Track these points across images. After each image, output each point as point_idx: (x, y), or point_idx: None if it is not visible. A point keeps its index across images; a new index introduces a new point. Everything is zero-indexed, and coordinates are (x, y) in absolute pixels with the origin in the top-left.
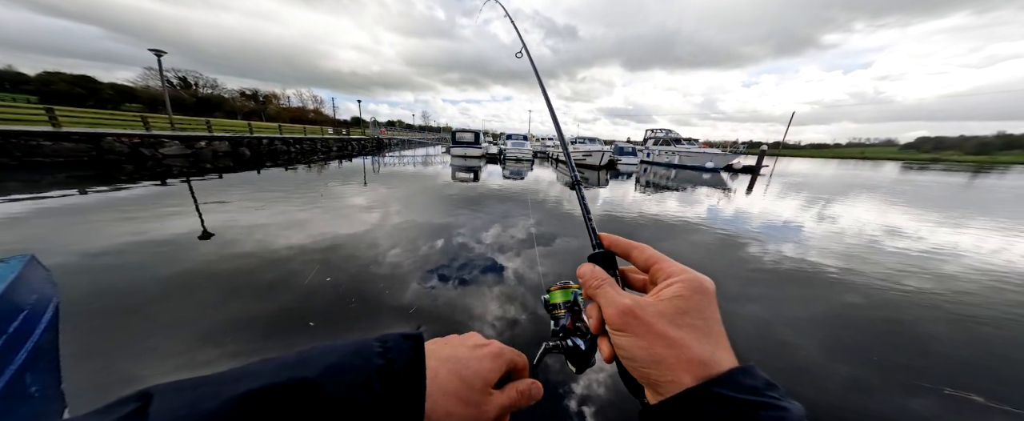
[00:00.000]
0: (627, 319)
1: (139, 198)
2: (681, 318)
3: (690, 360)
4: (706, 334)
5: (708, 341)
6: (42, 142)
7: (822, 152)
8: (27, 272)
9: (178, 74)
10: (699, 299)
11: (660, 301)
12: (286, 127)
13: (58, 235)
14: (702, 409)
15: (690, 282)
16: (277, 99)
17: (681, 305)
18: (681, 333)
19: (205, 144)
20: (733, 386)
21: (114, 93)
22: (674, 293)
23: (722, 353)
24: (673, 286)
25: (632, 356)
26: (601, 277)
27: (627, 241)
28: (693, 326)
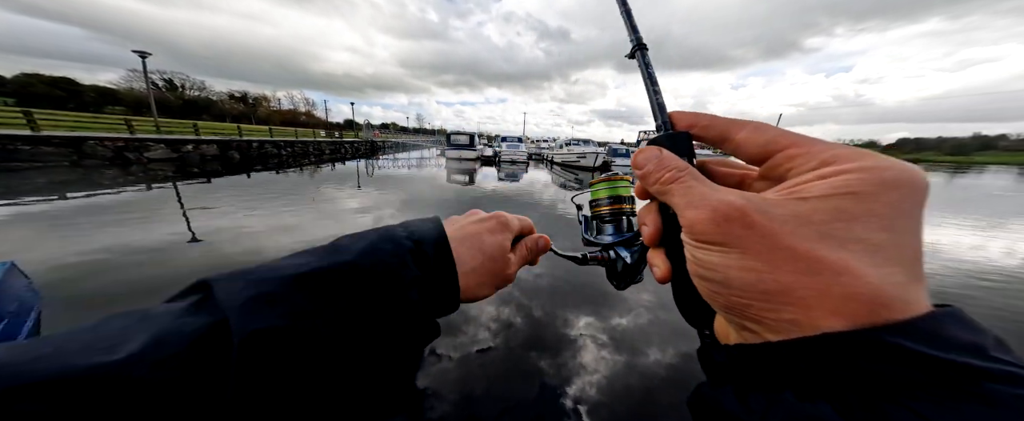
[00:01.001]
0: (730, 226)
1: (123, 203)
2: (847, 227)
3: (852, 296)
4: (894, 256)
5: (896, 268)
6: (20, 146)
7: None
8: (7, 279)
9: (164, 76)
10: (891, 198)
11: (802, 200)
12: (277, 130)
13: (38, 242)
14: (860, 367)
15: (875, 171)
16: (268, 101)
17: (849, 207)
18: (841, 253)
19: (192, 147)
20: (935, 339)
21: (96, 95)
22: (836, 188)
23: (915, 291)
24: (836, 178)
25: (726, 280)
26: (676, 165)
27: (727, 118)
28: (867, 242)
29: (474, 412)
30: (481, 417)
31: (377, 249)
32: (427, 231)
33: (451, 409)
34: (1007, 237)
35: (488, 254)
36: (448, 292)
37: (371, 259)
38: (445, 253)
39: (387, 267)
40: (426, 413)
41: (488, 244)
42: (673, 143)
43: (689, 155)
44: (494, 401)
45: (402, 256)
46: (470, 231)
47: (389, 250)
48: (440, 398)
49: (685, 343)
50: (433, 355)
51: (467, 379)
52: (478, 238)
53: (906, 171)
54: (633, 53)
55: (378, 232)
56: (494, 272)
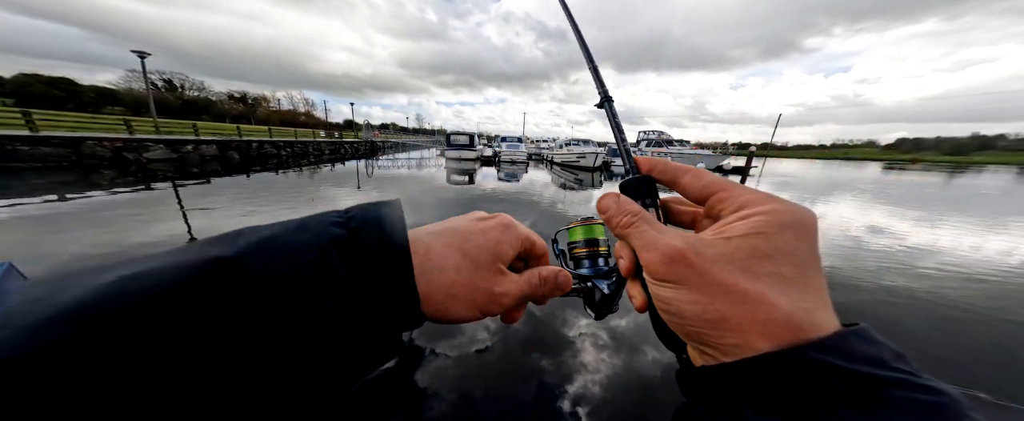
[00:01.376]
0: (675, 267)
1: (122, 203)
2: (760, 263)
3: (771, 321)
4: (799, 286)
5: (802, 296)
6: (19, 147)
7: (808, 153)
8: (5, 281)
9: (163, 76)
10: (789, 237)
11: (727, 241)
12: (277, 130)
13: (36, 242)
14: (792, 380)
15: (776, 214)
16: (267, 102)
17: (761, 245)
18: (759, 285)
19: (192, 148)
20: (843, 354)
21: (95, 96)
22: (751, 229)
23: (822, 314)
24: (750, 219)
25: (679, 312)
26: (631, 210)
27: (676, 164)
28: (778, 275)
29: (473, 412)
30: (480, 417)
31: (281, 240)
32: (374, 216)
33: (449, 409)
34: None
35: (470, 256)
36: (398, 298)
37: (265, 253)
38: (396, 245)
39: (290, 266)
40: (424, 413)
41: (473, 244)
42: (636, 187)
43: (652, 196)
44: (493, 401)
45: (321, 250)
46: (454, 225)
47: (301, 241)
48: (438, 398)
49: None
50: (432, 353)
51: (465, 379)
52: (461, 234)
53: (799, 214)
54: (602, 104)
55: (302, 219)
56: (474, 281)
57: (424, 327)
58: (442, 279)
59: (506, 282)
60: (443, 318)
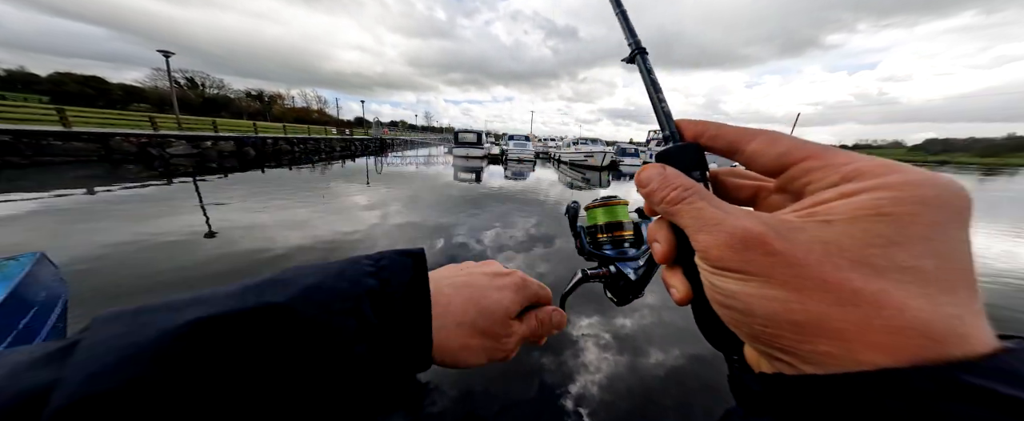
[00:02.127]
0: (749, 254)
1: (146, 197)
2: (885, 253)
3: (896, 330)
4: (944, 286)
5: (948, 299)
6: (52, 141)
7: None
8: (37, 269)
9: (185, 74)
10: (930, 219)
11: (827, 223)
12: (290, 127)
13: (66, 233)
14: (932, 409)
15: (909, 186)
16: (282, 99)
17: (885, 231)
18: (883, 282)
19: (211, 144)
20: (1010, 378)
21: (123, 93)
22: (867, 207)
23: (974, 322)
24: (863, 196)
25: (748, 310)
26: (683, 183)
27: (736, 127)
28: (913, 269)
29: (473, 409)
30: (480, 415)
31: (325, 288)
32: (401, 268)
33: (450, 405)
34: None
35: (486, 312)
36: (415, 346)
37: (313, 300)
38: (419, 297)
39: (331, 312)
40: (425, 408)
41: (490, 300)
42: (680, 157)
43: (701, 168)
44: (493, 399)
45: (357, 299)
46: (472, 280)
47: (341, 290)
48: (440, 393)
49: (689, 346)
50: None
51: (466, 376)
52: (479, 290)
53: (947, 187)
54: (632, 58)
55: (340, 265)
56: (488, 335)
57: None
58: (459, 333)
59: (512, 331)
60: (454, 365)
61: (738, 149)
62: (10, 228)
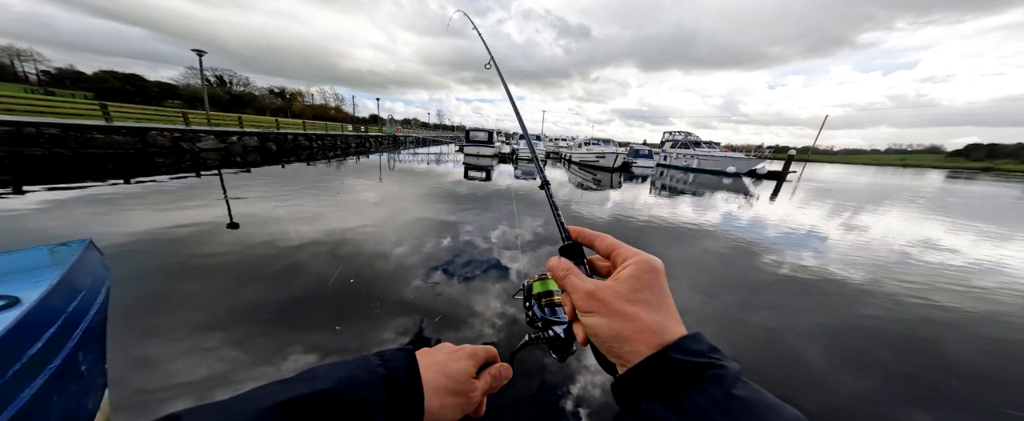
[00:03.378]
0: (591, 301)
1: (177, 188)
2: (635, 295)
3: (644, 330)
4: (657, 307)
5: (658, 312)
6: (95, 135)
7: (857, 158)
8: (85, 256)
9: (215, 72)
10: (650, 277)
11: (618, 282)
12: (309, 124)
13: (111, 221)
14: (659, 373)
15: (641, 263)
16: (302, 97)
17: (634, 284)
18: (635, 308)
19: (236, 139)
20: (683, 350)
21: (159, 90)
22: (629, 274)
23: (671, 322)
24: (628, 267)
25: (599, 334)
26: (567, 267)
27: (591, 232)
28: (645, 301)
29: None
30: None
31: (354, 378)
32: (400, 360)
33: None
34: None
35: (452, 378)
36: (414, 412)
37: (348, 386)
38: (415, 378)
39: (361, 393)
40: None
41: (452, 370)
42: (571, 251)
43: (580, 257)
44: (493, 396)
45: (376, 383)
46: (437, 359)
47: (364, 378)
48: None
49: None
50: (436, 343)
51: None
52: (444, 365)
53: (653, 261)
54: (543, 186)
55: (355, 363)
56: (457, 393)
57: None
58: (436, 397)
59: (474, 386)
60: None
61: (592, 244)
62: (60, 215)
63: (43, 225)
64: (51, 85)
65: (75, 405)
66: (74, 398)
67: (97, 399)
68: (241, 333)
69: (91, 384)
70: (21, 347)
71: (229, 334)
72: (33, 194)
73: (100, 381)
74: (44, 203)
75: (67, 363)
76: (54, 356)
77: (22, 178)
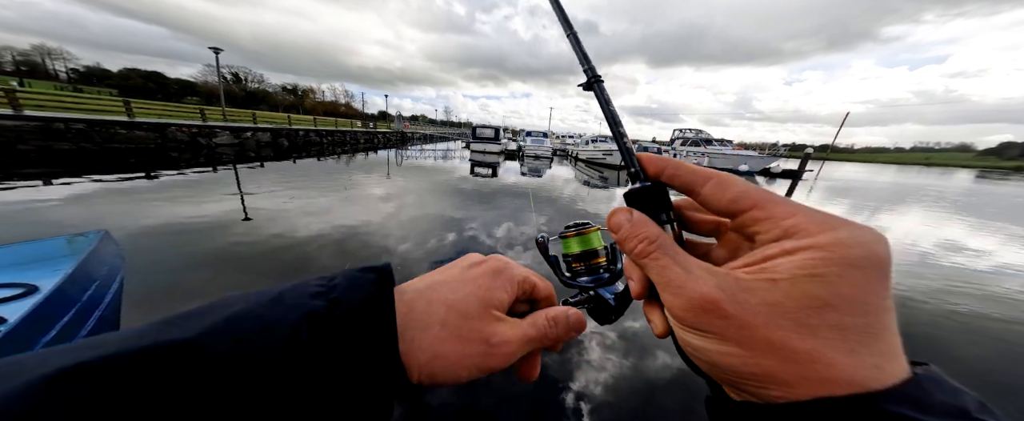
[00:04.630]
0: (709, 317)
1: (193, 182)
2: (819, 315)
3: (827, 380)
4: (867, 338)
5: (868, 348)
6: (118, 130)
7: (879, 156)
8: (101, 246)
9: (231, 70)
10: (857, 280)
11: (773, 284)
12: (320, 120)
13: (130, 212)
14: None
15: (839, 247)
16: (313, 93)
17: (819, 292)
18: (816, 342)
19: (250, 134)
20: (921, 405)
21: (178, 87)
22: (804, 268)
23: (891, 364)
24: (801, 254)
25: (711, 362)
26: (648, 235)
27: (694, 168)
28: (841, 327)
29: (473, 401)
30: (481, 406)
31: (250, 317)
32: (359, 285)
33: (451, 397)
34: None
35: (456, 308)
36: (377, 368)
37: (229, 333)
38: (379, 313)
39: (254, 344)
40: (426, 398)
41: (460, 294)
42: (646, 198)
43: (666, 209)
44: (495, 391)
45: (294, 326)
46: (442, 276)
47: (271, 318)
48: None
49: None
50: None
51: None
52: (447, 286)
53: (868, 246)
54: (589, 85)
55: (281, 288)
56: (466, 338)
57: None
58: (424, 339)
59: (504, 328)
60: (432, 381)
61: (693, 190)
62: (80, 206)
63: (67, 215)
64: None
65: None
66: None
67: None
68: None
69: None
70: (37, 334)
71: None
72: (60, 186)
73: None
74: (70, 195)
75: None
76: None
77: (51, 171)
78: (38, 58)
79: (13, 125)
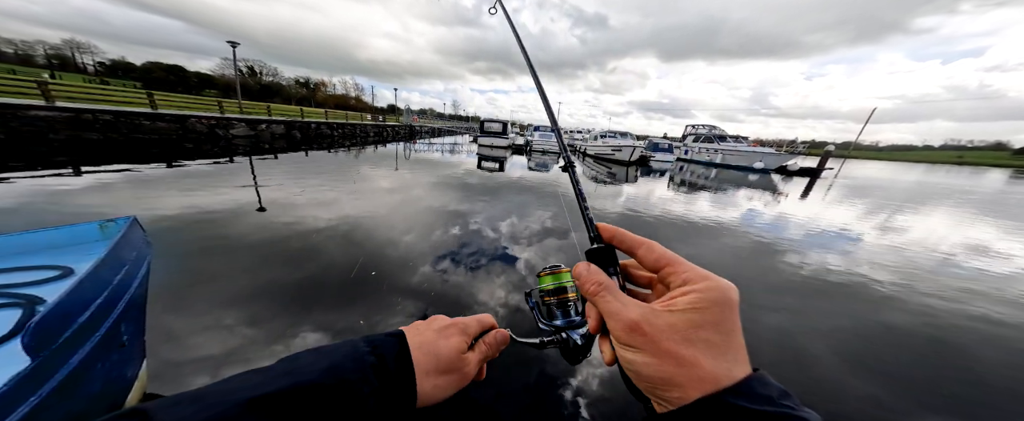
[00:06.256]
0: (634, 335)
1: (211, 172)
2: (696, 332)
3: (702, 379)
4: (723, 350)
5: (725, 357)
6: (142, 122)
7: (907, 155)
8: (130, 232)
9: (247, 63)
10: (718, 312)
11: (671, 313)
12: (331, 113)
13: (154, 199)
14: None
15: (709, 291)
16: (325, 87)
17: (696, 319)
18: (694, 351)
19: (265, 127)
20: (747, 396)
21: (197, 81)
22: (689, 304)
23: (739, 369)
24: (689, 295)
25: (640, 373)
26: (600, 280)
27: (633, 236)
28: (708, 341)
29: (469, 393)
30: (476, 397)
31: (340, 367)
32: (390, 346)
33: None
34: None
35: (441, 358)
36: (406, 398)
37: (334, 377)
38: (405, 364)
39: (348, 384)
40: None
41: (443, 349)
42: (600, 256)
43: (614, 263)
44: (491, 384)
45: (364, 372)
46: (426, 339)
47: (351, 368)
48: None
49: None
50: None
51: None
52: (433, 345)
53: (725, 290)
54: (565, 168)
55: (342, 349)
56: (448, 372)
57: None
58: (427, 378)
59: (467, 362)
60: (433, 403)
61: (632, 252)
62: (110, 194)
63: (96, 202)
64: (106, 75)
65: (116, 374)
66: (116, 367)
67: (136, 369)
68: (276, 307)
69: (131, 354)
70: (73, 315)
71: (265, 308)
72: (89, 174)
73: (140, 352)
74: (98, 183)
75: (111, 333)
76: (100, 325)
77: (81, 160)
78: (68, 52)
79: (45, 116)
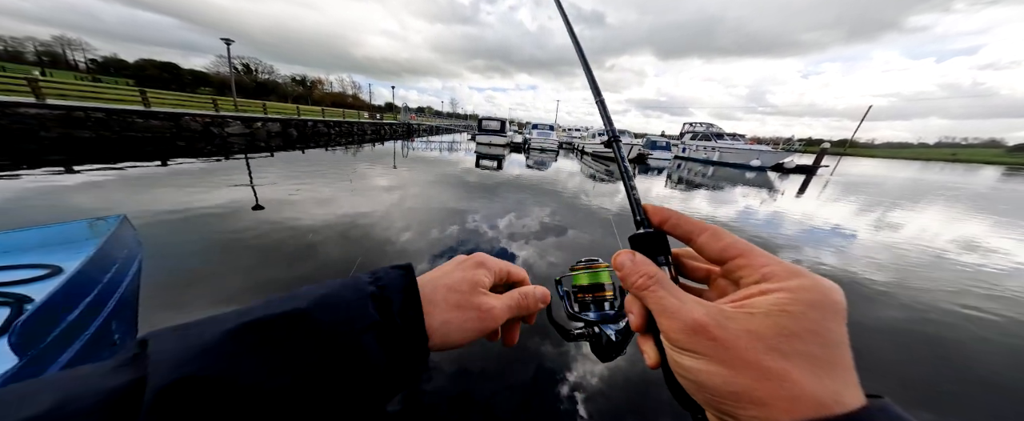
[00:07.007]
0: (697, 339)
1: (207, 170)
2: (788, 342)
3: (795, 398)
4: (826, 368)
5: (831, 377)
6: (136, 120)
7: (902, 152)
8: (120, 230)
9: (242, 61)
10: (817, 318)
11: (751, 316)
12: (328, 111)
13: (146, 198)
14: None
15: (802, 292)
16: (322, 84)
17: (787, 324)
18: (787, 364)
19: (261, 125)
20: None
21: (192, 78)
22: (775, 305)
23: (851, 394)
24: (774, 295)
25: (701, 382)
26: (649, 272)
27: (692, 220)
28: (805, 354)
29: (467, 388)
30: (474, 393)
31: (335, 295)
32: (395, 277)
33: (445, 383)
34: None
35: (452, 287)
36: (414, 337)
37: (326, 304)
38: (411, 297)
39: (342, 313)
40: (420, 383)
41: (453, 278)
42: (647, 243)
43: (664, 253)
44: (489, 379)
45: (362, 302)
46: (439, 271)
47: (348, 297)
48: (437, 370)
49: None
50: None
51: (464, 355)
52: (444, 273)
53: (826, 291)
54: (609, 143)
55: (344, 280)
56: (460, 304)
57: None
58: (434, 311)
59: (490, 300)
60: (445, 344)
61: (691, 239)
62: (101, 192)
63: (87, 200)
64: (98, 72)
65: None
66: None
67: None
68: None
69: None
70: (61, 313)
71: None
72: (81, 173)
73: None
74: (89, 181)
75: (101, 331)
76: (90, 323)
77: (72, 158)
78: (59, 49)
79: (36, 113)
